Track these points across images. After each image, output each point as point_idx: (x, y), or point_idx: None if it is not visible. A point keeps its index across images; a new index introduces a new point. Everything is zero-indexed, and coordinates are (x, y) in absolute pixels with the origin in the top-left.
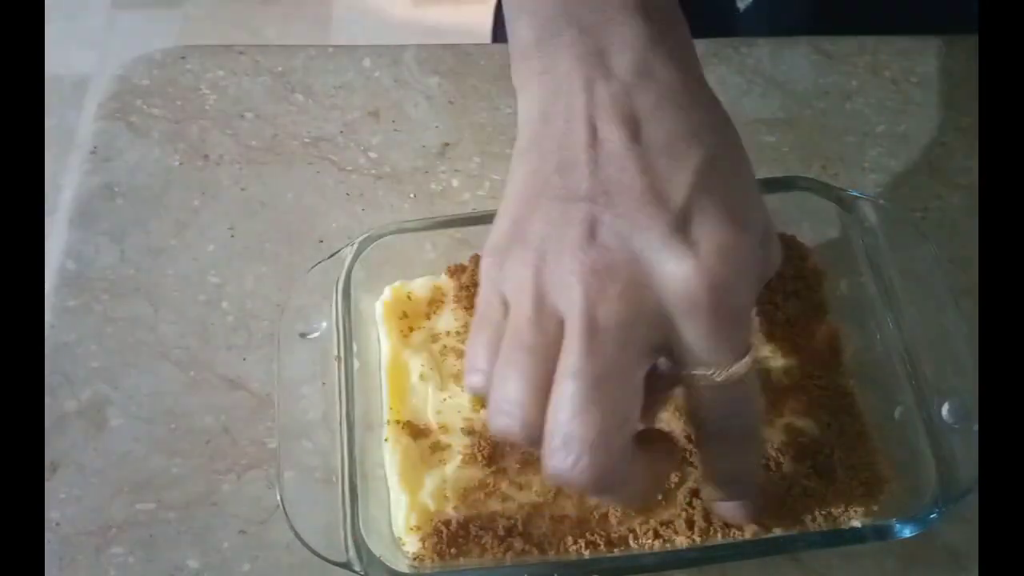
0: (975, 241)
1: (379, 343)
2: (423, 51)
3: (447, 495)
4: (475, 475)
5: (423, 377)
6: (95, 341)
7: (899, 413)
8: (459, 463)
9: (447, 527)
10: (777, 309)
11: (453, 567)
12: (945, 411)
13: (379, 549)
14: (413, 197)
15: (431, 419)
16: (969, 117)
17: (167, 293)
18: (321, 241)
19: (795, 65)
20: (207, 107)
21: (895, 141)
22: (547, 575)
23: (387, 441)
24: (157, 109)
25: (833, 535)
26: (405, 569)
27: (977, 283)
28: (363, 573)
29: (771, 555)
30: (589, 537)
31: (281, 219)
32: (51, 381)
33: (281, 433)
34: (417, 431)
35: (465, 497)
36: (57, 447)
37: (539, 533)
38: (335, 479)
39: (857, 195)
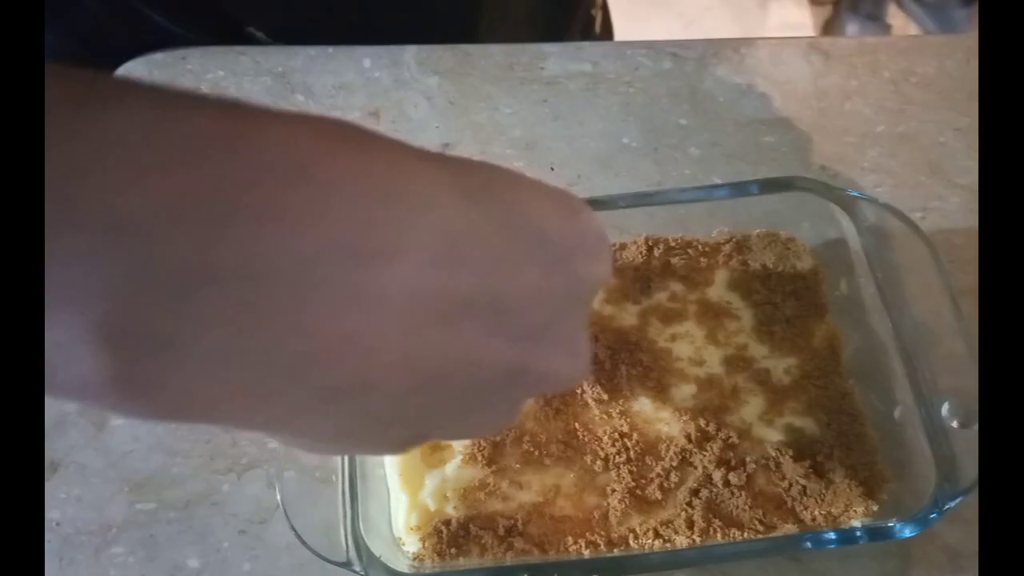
0: (975, 241)
1: None
2: (423, 51)
3: (447, 495)
4: (475, 475)
5: None
6: None
7: (899, 413)
8: (459, 463)
9: (447, 527)
10: (777, 309)
11: (453, 567)
12: (945, 411)
13: (379, 549)
14: None
15: None
16: (969, 117)
17: None
18: None
19: (795, 65)
20: None
21: (895, 141)
22: (547, 575)
23: None
24: None
25: (833, 535)
26: (405, 569)
27: (977, 283)
28: (363, 573)
29: (771, 555)
30: (589, 537)
31: None
32: None
33: None
34: None
35: (465, 497)
36: (57, 447)
37: (539, 533)
38: (335, 479)
39: (857, 195)
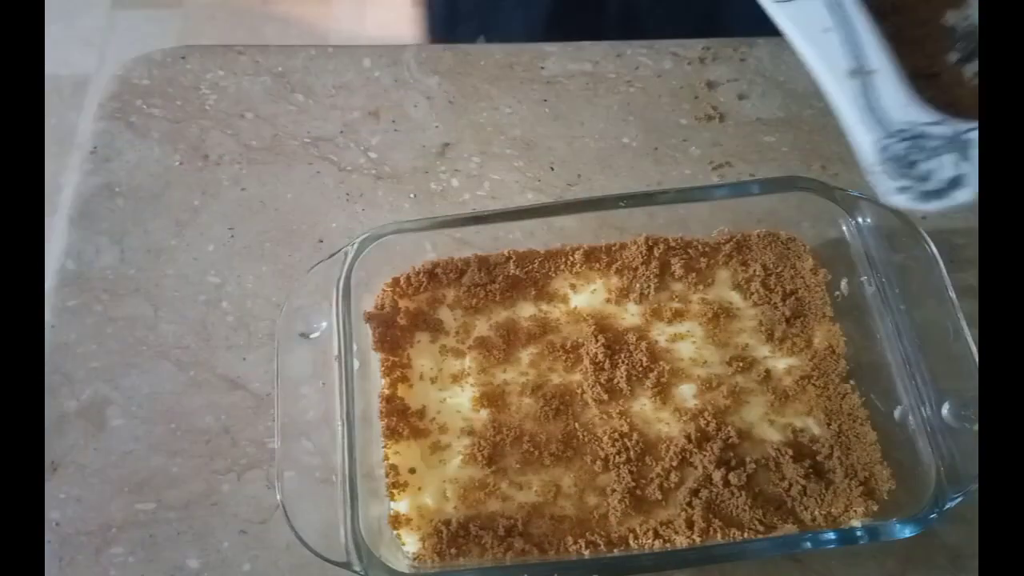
0: (975, 241)
1: None
2: (423, 51)
3: (447, 495)
4: (475, 475)
5: (423, 377)
6: (95, 341)
7: (899, 413)
8: (459, 463)
9: (447, 527)
10: (777, 309)
11: (453, 567)
12: (945, 411)
13: (379, 549)
14: (413, 197)
15: (431, 419)
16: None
17: (167, 293)
18: (321, 241)
19: (795, 65)
20: (207, 107)
21: None
22: (547, 575)
23: (387, 440)
24: (157, 109)
25: (833, 535)
26: (405, 569)
27: (977, 283)
28: (363, 573)
29: (771, 555)
30: (589, 537)
31: (281, 219)
32: (51, 381)
33: (281, 433)
34: (417, 431)
35: (465, 497)
36: (57, 447)
37: (539, 533)
38: (335, 479)
39: (857, 195)
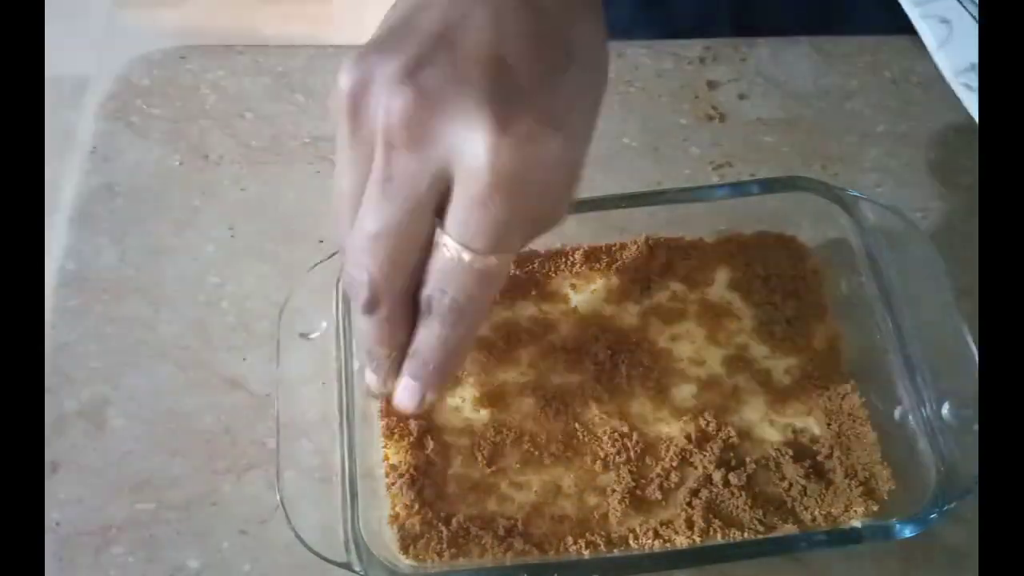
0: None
1: None
2: None
3: (447, 495)
4: (475, 475)
5: None
6: (95, 341)
7: (899, 413)
8: (459, 463)
9: (447, 527)
10: (777, 309)
11: (453, 567)
12: (945, 411)
13: (379, 549)
14: None
15: (431, 419)
16: (969, 117)
17: (167, 293)
18: (321, 241)
19: (795, 65)
20: (207, 107)
21: (895, 141)
22: (547, 575)
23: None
24: (157, 109)
25: (833, 535)
26: (405, 569)
27: (977, 283)
28: (363, 573)
29: (771, 555)
30: (589, 537)
31: (281, 219)
32: (51, 381)
33: (281, 433)
34: (417, 431)
35: (465, 497)
36: (57, 447)
37: (539, 533)
38: (335, 479)
39: (857, 195)
